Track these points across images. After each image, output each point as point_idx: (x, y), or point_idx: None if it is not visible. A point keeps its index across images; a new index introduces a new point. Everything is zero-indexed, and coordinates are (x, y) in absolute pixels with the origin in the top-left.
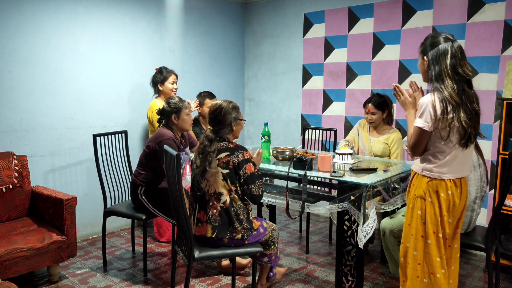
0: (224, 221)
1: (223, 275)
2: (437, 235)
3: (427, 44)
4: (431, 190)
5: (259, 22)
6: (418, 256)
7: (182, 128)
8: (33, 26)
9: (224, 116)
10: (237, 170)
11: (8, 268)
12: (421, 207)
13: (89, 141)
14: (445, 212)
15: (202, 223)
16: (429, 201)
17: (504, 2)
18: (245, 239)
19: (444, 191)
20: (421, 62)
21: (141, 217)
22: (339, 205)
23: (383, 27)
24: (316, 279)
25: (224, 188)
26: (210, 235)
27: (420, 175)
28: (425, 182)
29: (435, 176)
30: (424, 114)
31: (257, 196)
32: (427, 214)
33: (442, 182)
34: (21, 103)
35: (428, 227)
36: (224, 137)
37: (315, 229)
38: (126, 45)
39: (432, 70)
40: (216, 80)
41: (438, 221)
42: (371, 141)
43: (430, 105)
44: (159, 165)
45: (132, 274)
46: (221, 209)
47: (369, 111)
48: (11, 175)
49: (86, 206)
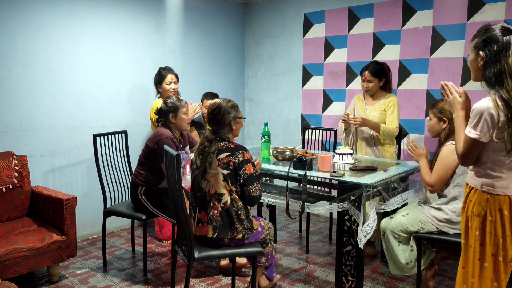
0: (225, 222)
1: (222, 275)
2: (496, 257)
3: (482, 37)
4: (492, 208)
5: (259, 22)
6: (475, 284)
7: (180, 127)
8: (33, 26)
9: (222, 116)
10: (237, 170)
11: (8, 268)
12: (480, 227)
13: (89, 141)
14: (508, 232)
15: (203, 223)
16: (490, 220)
17: (504, 2)
18: (245, 238)
19: (507, 208)
20: (473, 59)
21: (141, 217)
22: (339, 205)
23: (383, 27)
24: (316, 279)
25: (225, 189)
26: (211, 236)
27: (479, 190)
28: (485, 198)
29: (498, 192)
30: (480, 123)
31: (255, 197)
32: (486, 234)
33: (505, 198)
34: (21, 103)
35: (487, 249)
36: (224, 137)
37: (315, 229)
38: (126, 45)
39: (489, 68)
40: (216, 80)
41: (499, 243)
42: (367, 110)
43: (487, 113)
44: (158, 164)
45: (132, 274)
46: (222, 209)
47: (365, 79)
48: (11, 175)
49: (86, 206)
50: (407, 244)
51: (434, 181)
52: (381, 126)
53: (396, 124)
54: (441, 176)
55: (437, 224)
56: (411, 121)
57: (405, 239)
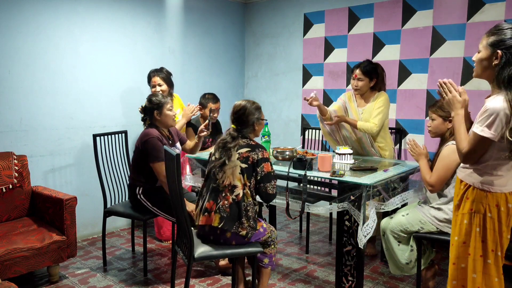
0: (233, 214)
1: (221, 275)
2: (495, 253)
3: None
4: (491, 204)
5: (259, 22)
6: (477, 279)
7: (165, 124)
8: (33, 26)
9: (247, 117)
10: (255, 166)
11: (8, 268)
12: (480, 224)
13: (89, 141)
14: (504, 227)
15: (210, 212)
16: (489, 217)
17: (504, 2)
18: (248, 237)
19: (504, 204)
20: (487, 56)
21: (141, 217)
22: (339, 205)
23: (383, 27)
24: (316, 279)
25: (240, 182)
26: (217, 225)
27: (478, 188)
28: (483, 195)
29: (495, 190)
30: (495, 123)
31: (272, 195)
32: (487, 231)
33: (502, 195)
34: (21, 103)
35: (489, 245)
36: (247, 135)
37: (315, 229)
38: (126, 45)
39: (507, 69)
40: (216, 80)
41: (497, 238)
42: (360, 112)
43: (503, 114)
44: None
45: (132, 274)
46: (232, 201)
47: (355, 77)
48: (11, 175)
49: (86, 206)
50: (407, 244)
51: (434, 181)
52: (358, 123)
53: (376, 122)
54: (441, 176)
55: (437, 224)
56: (411, 121)
57: (405, 239)
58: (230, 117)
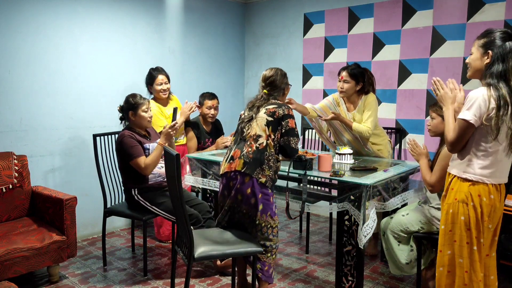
0: (256, 160)
1: (220, 275)
2: (479, 240)
3: (494, 38)
4: (473, 194)
5: (259, 22)
6: (464, 264)
7: (140, 125)
8: (33, 26)
9: (280, 80)
10: (280, 121)
11: (8, 268)
12: (464, 212)
13: (89, 141)
14: (486, 217)
15: (235, 159)
16: (471, 206)
17: (504, 2)
18: (267, 186)
19: (486, 195)
20: (478, 56)
21: (141, 217)
22: (339, 205)
23: (383, 27)
24: (316, 279)
25: (264, 133)
26: (240, 169)
27: (461, 178)
28: (466, 185)
29: (477, 179)
30: (474, 107)
31: (294, 149)
32: (471, 219)
33: (484, 186)
34: (21, 103)
35: (473, 232)
36: (277, 98)
37: (315, 229)
38: (126, 45)
39: (495, 66)
40: (216, 80)
41: (480, 227)
42: (350, 117)
43: (482, 99)
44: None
45: (132, 274)
46: (256, 149)
47: (342, 79)
48: (11, 175)
49: (86, 206)
50: (407, 244)
51: (434, 181)
52: (354, 124)
53: (369, 125)
54: (441, 176)
55: (437, 224)
56: (411, 121)
57: (405, 239)
58: (260, 84)
